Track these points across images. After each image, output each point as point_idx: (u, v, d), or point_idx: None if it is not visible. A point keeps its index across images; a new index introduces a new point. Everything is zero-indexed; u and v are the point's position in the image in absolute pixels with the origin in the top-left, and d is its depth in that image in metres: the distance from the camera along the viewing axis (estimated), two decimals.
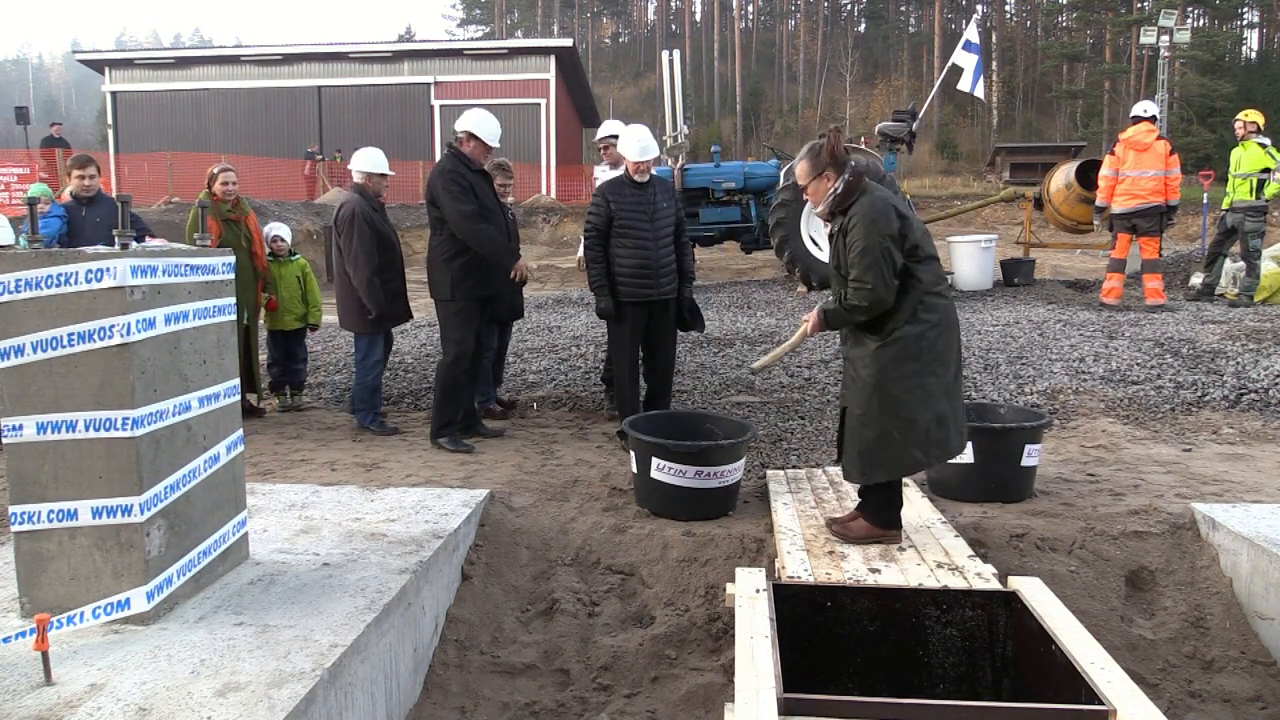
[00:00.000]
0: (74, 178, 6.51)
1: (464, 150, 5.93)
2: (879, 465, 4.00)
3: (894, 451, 3.95)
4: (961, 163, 48.71)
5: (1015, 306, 10.64)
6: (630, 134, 6.16)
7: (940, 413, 3.93)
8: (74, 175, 6.50)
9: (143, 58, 35.79)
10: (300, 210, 21.56)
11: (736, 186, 13.55)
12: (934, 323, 3.93)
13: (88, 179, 6.52)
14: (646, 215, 5.95)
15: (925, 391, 3.90)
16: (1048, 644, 3.18)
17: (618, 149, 6.37)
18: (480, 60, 33.45)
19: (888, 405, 3.92)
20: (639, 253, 5.89)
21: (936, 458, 4.02)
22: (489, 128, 5.96)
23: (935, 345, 3.92)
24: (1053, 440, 6.08)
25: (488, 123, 5.98)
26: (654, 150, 5.98)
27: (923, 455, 3.96)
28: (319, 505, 4.68)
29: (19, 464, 3.17)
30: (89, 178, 6.53)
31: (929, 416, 3.91)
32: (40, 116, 34.04)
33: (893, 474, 4.03)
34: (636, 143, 5.99)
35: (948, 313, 4.01)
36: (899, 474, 4.06)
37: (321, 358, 8.67)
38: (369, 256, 6.30)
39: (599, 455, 5.96)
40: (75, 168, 6.55)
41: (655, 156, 6.00)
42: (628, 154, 6.01)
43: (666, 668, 3.93)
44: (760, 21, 77.55)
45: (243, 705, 2.65)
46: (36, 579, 3.22)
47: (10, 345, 3.11)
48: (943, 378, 3.95)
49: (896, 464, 3.99)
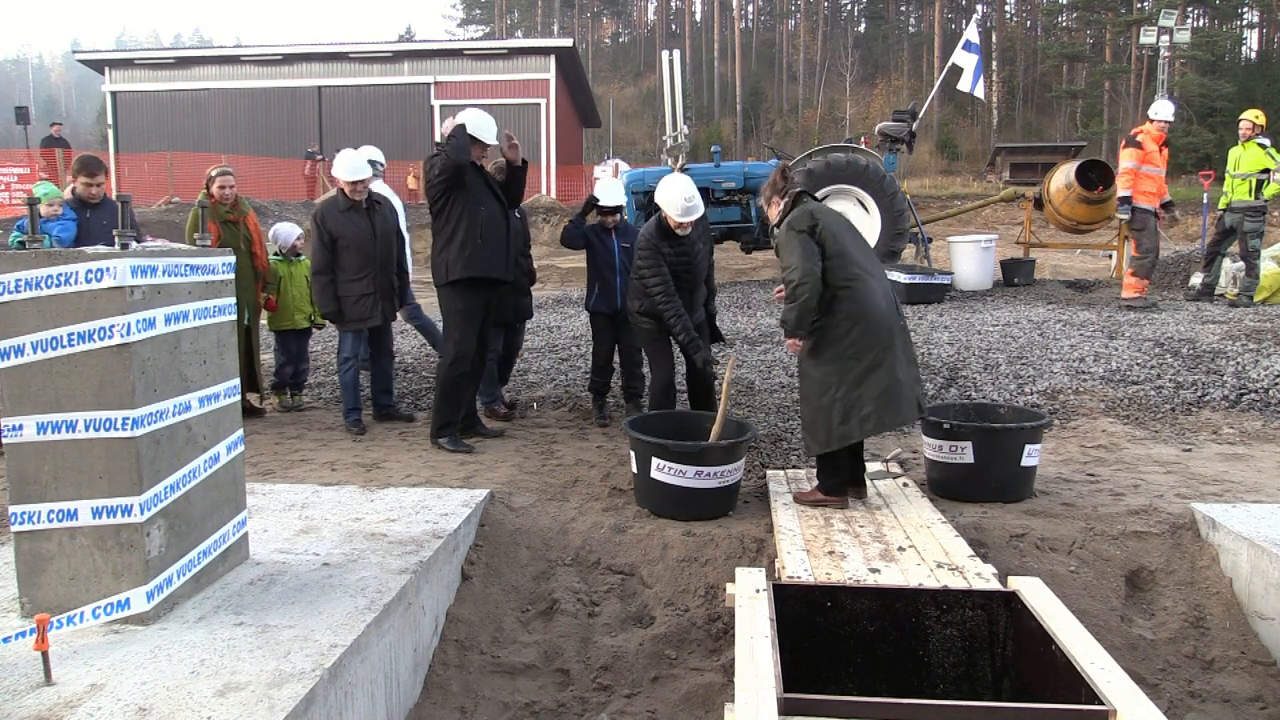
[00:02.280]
0: (81, 183, 6.29)
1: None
2: (815, 439, 4.69)
3: (826, 427, 4.59)
4: (961, 163, 48.71)
5: (1015, 306, 10.65)
6: (674, 189, 5.65)
7: (865, 392, 4.49)
8: (81, 180, 6.29)
9: (143, 58, 35.73)
10: (300, 210, 21.54)
11: (736, 186, 13.57)
12: (845, 314, 4.52)
13: (95, 185, 6.31)
14: (687, 265, 5.78)
15: (843, 375, 4.53)
16: (1048, 644, 3.18)
17: (657, 198, 5.75)
18: (480, 60, 33.43)
19: (814, 387, 4.65)
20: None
21: (866, 430, 4.57)
22: (482, 124, 5.94)
23: (850, 334, 4.51)
24: (1053, 440, 6.08)
25: (481, 119, 5.96)
26: (699, 211, 5.64)
27: (848, 429, 4.55)
28: (319, 505, 4.68)
29: (19, 464, 3.16)
30: (97, 185, 6.33)
31: (852, 395, 4.51)
32: (40, 116, 34.00)
33: (826, 446, 4.63)
34: (682, 201, 5.59)
35: (863, 305, 4.53)
36: (831, 446, 4.62)
37: (321, 358, 8.67)
38: (314, 255, 6.53)
39: (599, 455, 5.96)
40: (84, 174, 6.31)
41: (699, 217, 5.69)
42: (669, 210, 5.63)
43: (667, 668, 3.93)
44: (760, 21, 77.53)
45: (243, 705, 2.65)
46: (36, 579, 3.22)
47: (10, 345, 3.11)
48: (864, 361, 4.50)
49: (828, 437, 4.60)
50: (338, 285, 6.46)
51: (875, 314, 4.53)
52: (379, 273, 6.51)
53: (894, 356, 4.54)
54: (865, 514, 4.69)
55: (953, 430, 4.95)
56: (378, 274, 6.50)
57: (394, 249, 6.68)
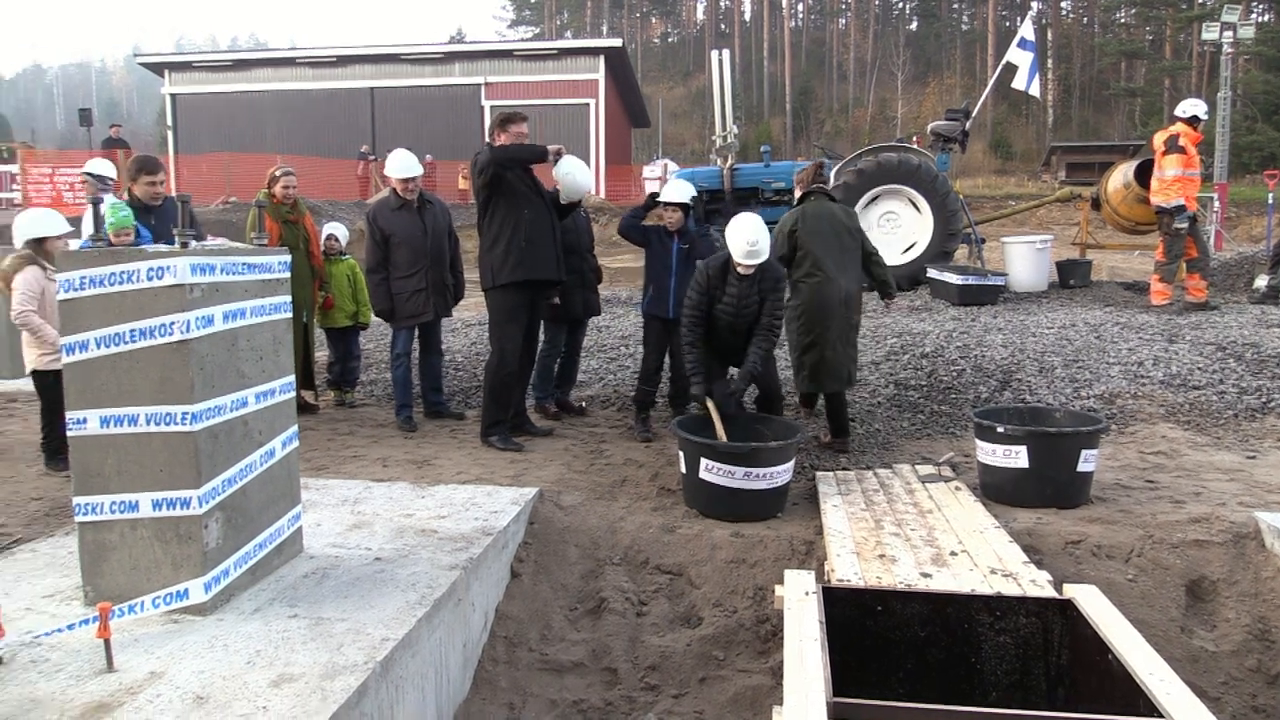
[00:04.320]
0: (144, 183, 6.02)
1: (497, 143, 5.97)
2: (797, 384, 6.20)
3: (800, 376, 6.01)
4: (1016, 162, 47.94)
5: (1071, 308, 10.43)
6: (741, 230, 5.35)
7: (805, 360, 5.91)
8: (144, 180, 6.02)
9: (201, 60, 36.58)
10: (353, 210, 21.86)
11: (786, 186, 13.47)
12: (801, 301, 5.89)
13: (157, 184, 6.08)
14: (738, 309, 5.49)
15: (794, 344, 5.98)
16: (1104, 654, 3.11)
17: (726, 233, 5.46)
18: (530, 61, 33.66)
19: (789, 349, 6.11)
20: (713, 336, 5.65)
21: (809, 386, 6.01)
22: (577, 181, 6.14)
23: (800, 318, 5.89)
24: (1110, 445, 5.95)
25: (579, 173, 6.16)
26: (762, 256, 5.34)
27: (798, 381, 6.09)
28: (371, 501, 4.74)
29: (83, 456, 3.25)
30: (159, 183, 6.11)
31: (799, 360, 5.97)
32: (102, 118, 34.86)
33: (800, 389, 6.25)
34: (746, 244, 5.30)
35: (812, 298, 5.84)
36: (803, 390, 6.23)
37: (374, 355, 8.78)
38: (367, 253, 6.68)
39: (647, 455, 5.96)
40: (145, 173, 6.04)
41: (763, 261, 5.38)
42: (733, 250, 5.37)
43: (714, 669, 3.92)
44: (810, 20, 77.02)
45: (296, 696, 2.69)
46: (99, 568, 3.30)
47: (76, 341, 3.19)
48: (807, 338, 5.86)
49: (800, 384, 6.09)
50: (390, 283, 6.55)
51: (820, 307, 5.81)
52: (431, 269, 6.59)
53: (828, 339, 5.80)
54: (917, 517, 4.63)
55: (1006, 434, 4.87)
56: (430, 270, 6.58)
57: (446, 247, 6.75)
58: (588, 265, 6.93)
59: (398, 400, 6.82)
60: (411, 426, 6.63)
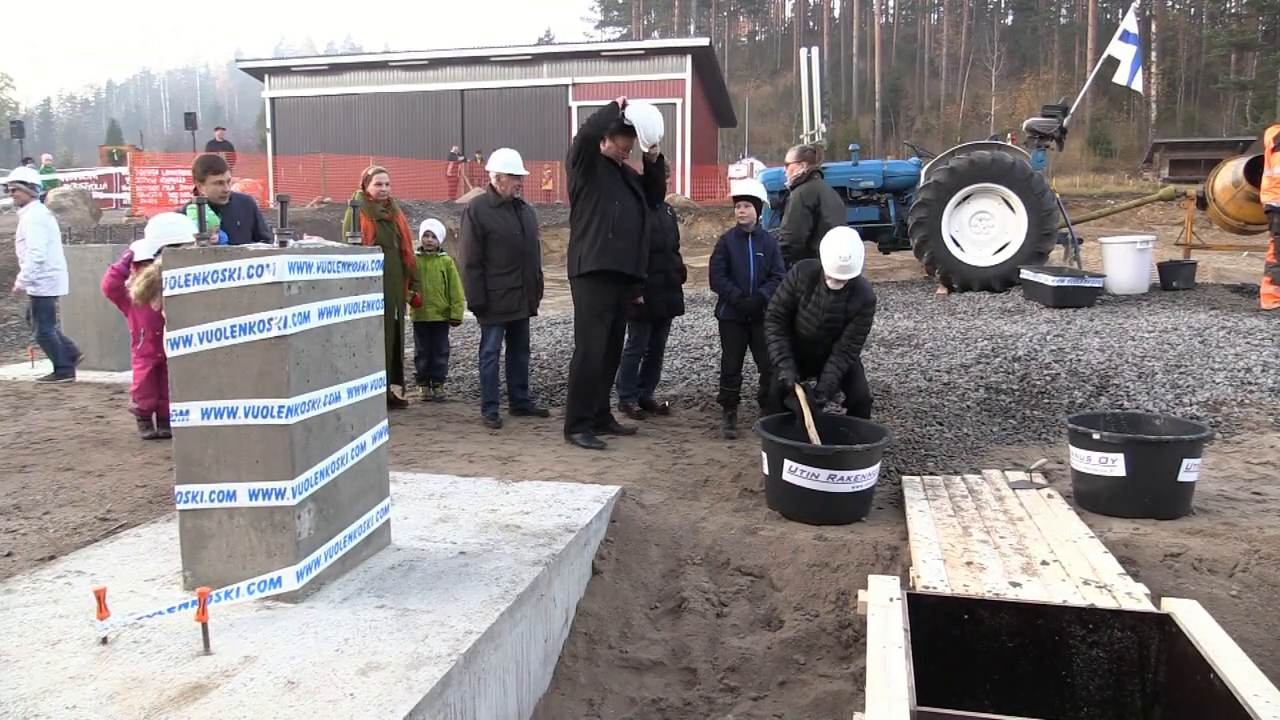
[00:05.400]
0: (213, 182, 6.21)
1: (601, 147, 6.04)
2: None
3: None
4: (1115, 160, 46.32)
5: (1174, 311, 10.03)
6: (835, 244, 5.36)
7: None
8: (212, 180, 6.21)
9: (299, 65, 37.63)
10: (443, 210, 22.26)
11: (875, 185, 13.29)
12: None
13: (224, 183, 6.29)
14: (824, 322, 5.52)
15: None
16: (1205, 672, 2.98)
17: (821, 246, 5.49)
18: (617, 61, 33.80)
19: None
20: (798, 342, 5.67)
21: None
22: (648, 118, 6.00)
23: None
24: (1214, 455, 5.71)
25: (648, 114, 6.03)
26: (853, 271, 5.34)
27: None
28: (457, 495, 4.83)
29: (185, 446, 3.38)
30: (226, 182, 6.32)
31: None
32: (206, 122, 36.34)
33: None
34: (838, 258, 5.29)
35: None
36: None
37: (461, 352, 8.94)
38: (466, 248, 6.69)
39: (730, 455, 5.93)
40: (212, 172, 6.22)
41: (854, 276, 5.40)
42: (825, 263, 5.37)
43: (795, 672, 3.88)
44: (901, 16, 75.73)
45: (383, 685, 2.75)
46: (198, 555, 3.43)
47: (180, 335, 3.33)
48: None
49: None
50: (487, 279, 6.66)
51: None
52: (527, 267, 6.72)
53: None
54: (1006, 524, 4.52)
55: (1103, 441, 4.71)
56: (526, 268, 6.71)
57: (538, 246, 6.86)
58: (673, 265, 6.95)
59: (484, 397, 6.92)
60: (497, 423, 6.73)
